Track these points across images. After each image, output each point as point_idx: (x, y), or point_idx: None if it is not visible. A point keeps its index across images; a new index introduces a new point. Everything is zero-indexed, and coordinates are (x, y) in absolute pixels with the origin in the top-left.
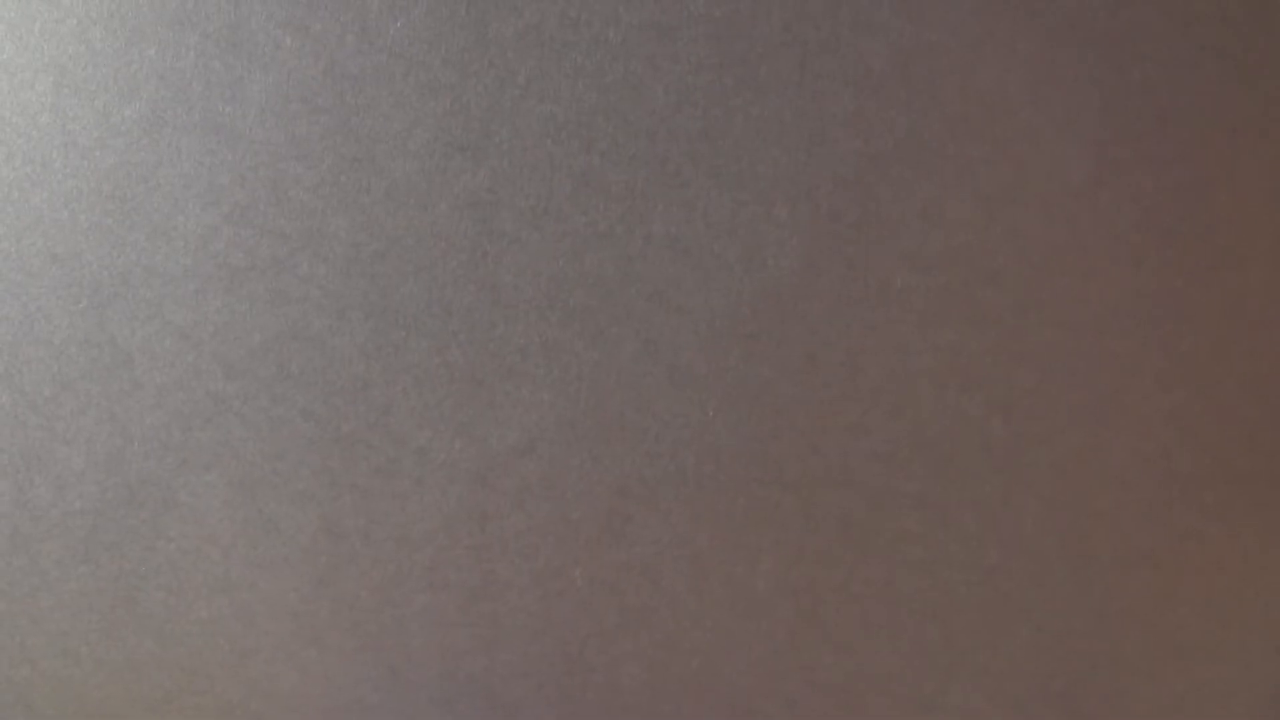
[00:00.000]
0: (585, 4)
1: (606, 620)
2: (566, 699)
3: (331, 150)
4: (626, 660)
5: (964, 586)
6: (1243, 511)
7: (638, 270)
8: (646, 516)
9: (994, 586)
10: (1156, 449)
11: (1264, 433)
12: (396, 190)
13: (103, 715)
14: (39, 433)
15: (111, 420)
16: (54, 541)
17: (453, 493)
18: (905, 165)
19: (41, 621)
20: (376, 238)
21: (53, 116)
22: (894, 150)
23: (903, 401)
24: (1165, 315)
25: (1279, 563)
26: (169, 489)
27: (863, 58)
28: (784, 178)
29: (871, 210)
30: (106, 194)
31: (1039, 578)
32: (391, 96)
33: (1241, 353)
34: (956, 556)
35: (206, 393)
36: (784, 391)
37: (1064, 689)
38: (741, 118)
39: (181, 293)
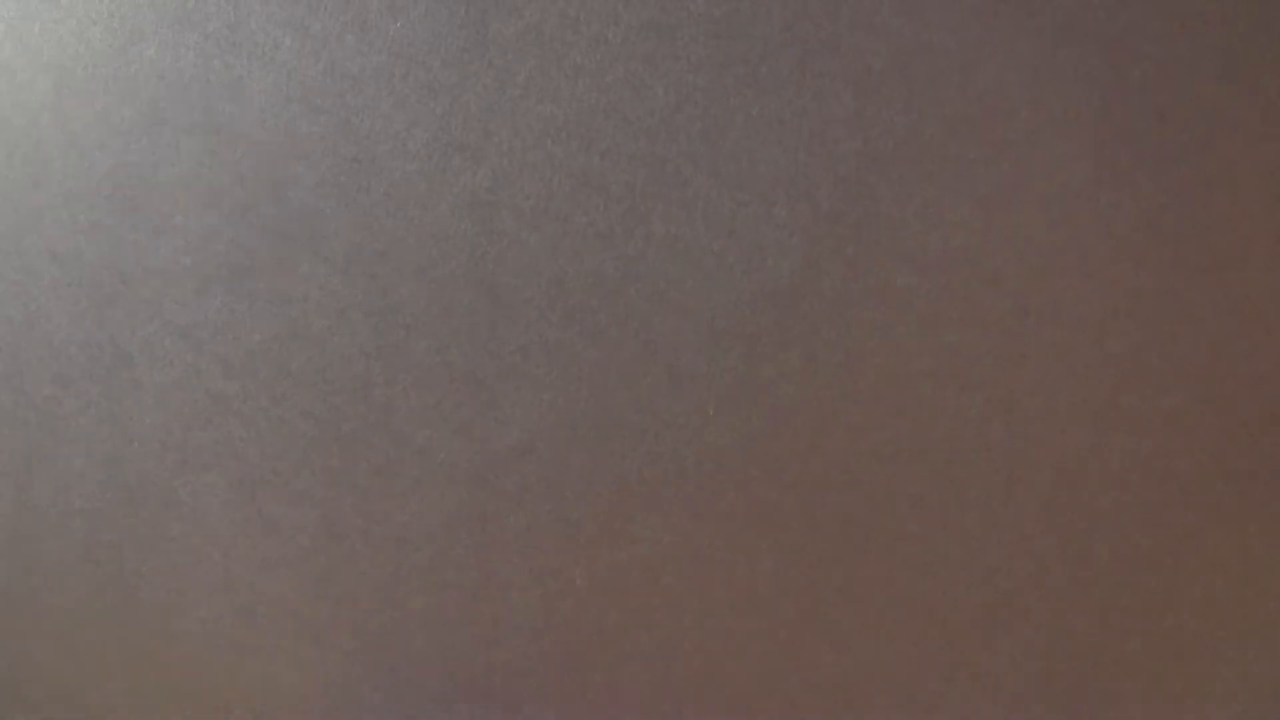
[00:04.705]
0: (585, 4)
1: (606, 620)
2: (566, 699)
3: (331, 150)
4: (626, 660)
5: (964, 586)
6: (1243, 511)
7: (638, 270)
8: (646, 516)
9: (994, 586)
10: (1156, 449)
11: (1264, 433)
12: (396, 190)
13: (103, 715)
14: (39, 433)
15: (111, 420)
16: (54, 541)
17: (453, 493)
18: (905, 165)
19: (41, 621)
20: (376, 238)
21: (53, 116)
22: (894, 150)
23: (903, 401)
24: (1165, 315)
25: (1279, 563)
26: (169, 489)
27: (863, 58)
28: (784, 178)
29: (871, 210)
30: (106, 194)
31: (1039, 578)
32: (391, 96)
33: (1241, 353)
34: (956, 556)
35: (206, 393)
36: (784, 391)
37: (1064, 689)
38: (741, 118)
39: (181, 293)
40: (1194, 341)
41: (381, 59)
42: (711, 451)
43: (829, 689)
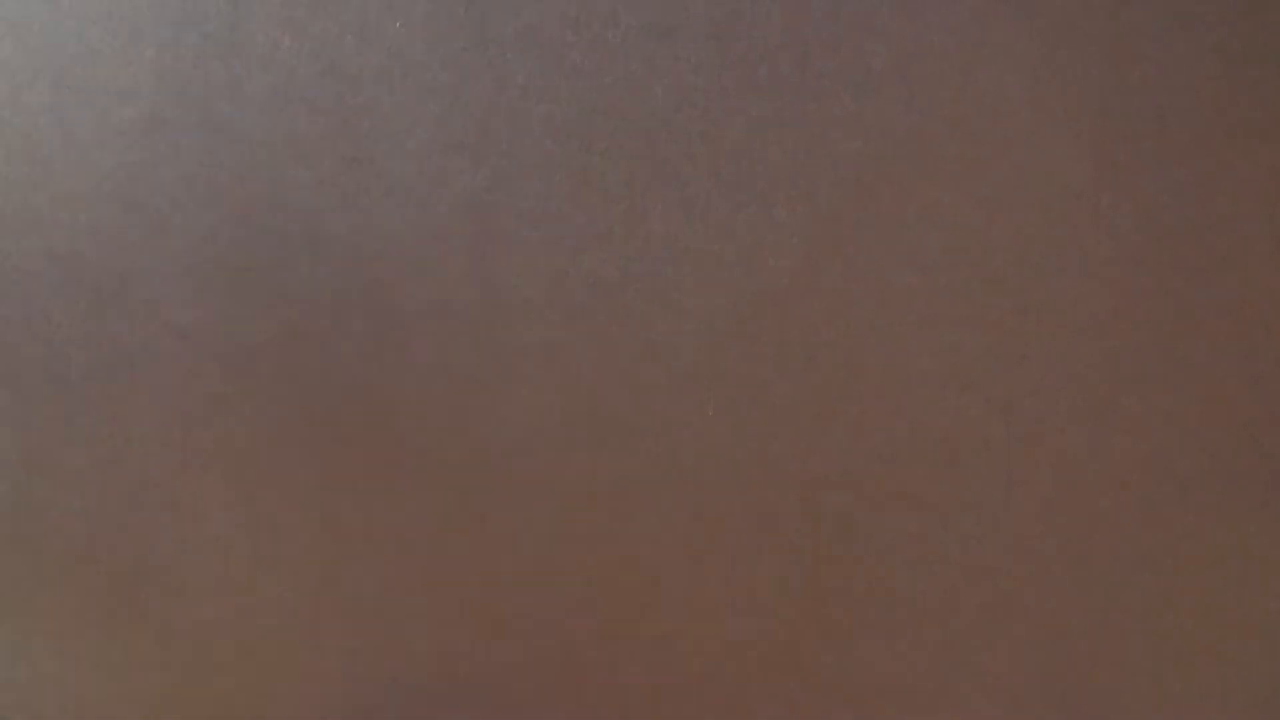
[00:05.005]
0: (585, 4)
1: (606, 620)
2: (566, 699)
3: (331, 150)
4: (626, 660)
5: (964, 586)
6: (1243, 511)
7: (638, 270)
8: (646, 516)
9: (994, 586)
10: (1156, 449)
11: (1264, 433)
12: (396, 190)
13: (103, 715)
14: (39, 433)
15: (111, 420)
16: (54, 541)
17: (453, 493)
18: (905, 165)
19: (41, 621)
20: (376, 238)
21: (52, 117)
22: (894, 150)
23: (903, 401)
24: (1165, 315)
25: (1279, 562)
26: (169, 489)
27: (863, 58)
28: (784, 178)
29: (871, 210)
30: (106, 194)
31: (1039, 578)
32: (391, 96)
33: (1241, 353)
34: (956, 556)
35: (206, 393)
36: (784, 391)
37: (1064, 689)
38: (741, 118)
39: (181, 293)
40: (1194, 341)
41: (381, 59)
42: (711, 451)
43: (829, 689)
